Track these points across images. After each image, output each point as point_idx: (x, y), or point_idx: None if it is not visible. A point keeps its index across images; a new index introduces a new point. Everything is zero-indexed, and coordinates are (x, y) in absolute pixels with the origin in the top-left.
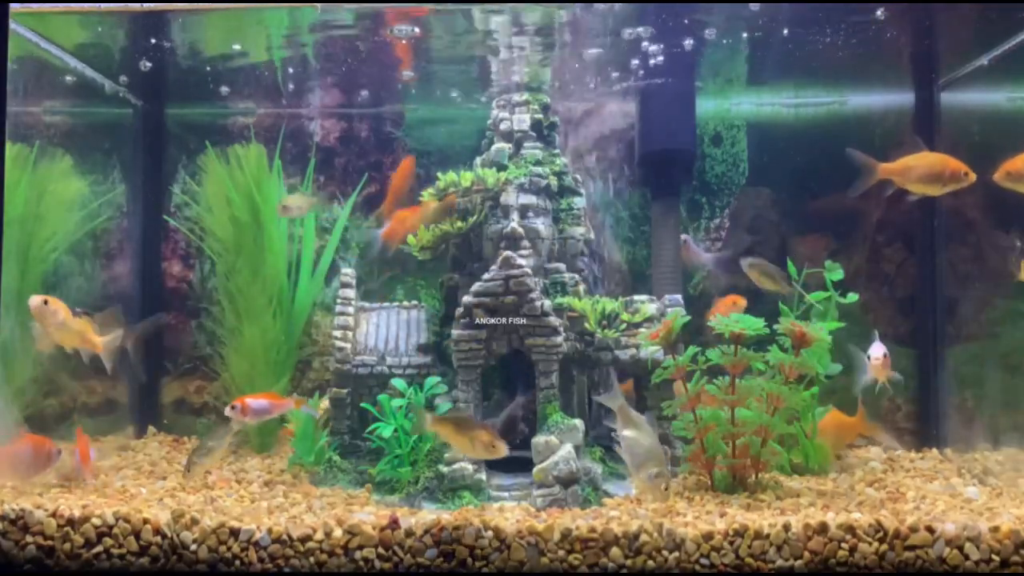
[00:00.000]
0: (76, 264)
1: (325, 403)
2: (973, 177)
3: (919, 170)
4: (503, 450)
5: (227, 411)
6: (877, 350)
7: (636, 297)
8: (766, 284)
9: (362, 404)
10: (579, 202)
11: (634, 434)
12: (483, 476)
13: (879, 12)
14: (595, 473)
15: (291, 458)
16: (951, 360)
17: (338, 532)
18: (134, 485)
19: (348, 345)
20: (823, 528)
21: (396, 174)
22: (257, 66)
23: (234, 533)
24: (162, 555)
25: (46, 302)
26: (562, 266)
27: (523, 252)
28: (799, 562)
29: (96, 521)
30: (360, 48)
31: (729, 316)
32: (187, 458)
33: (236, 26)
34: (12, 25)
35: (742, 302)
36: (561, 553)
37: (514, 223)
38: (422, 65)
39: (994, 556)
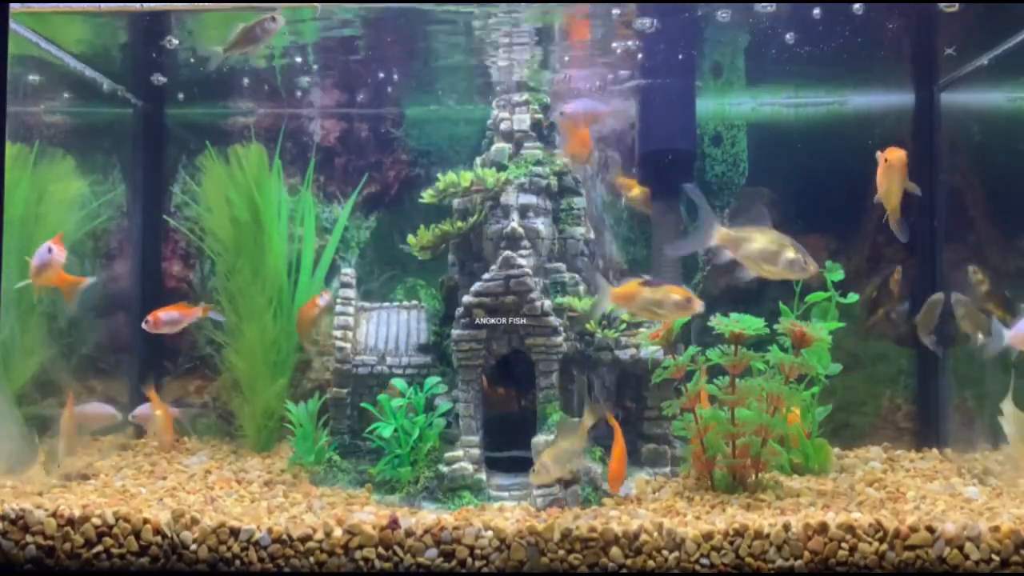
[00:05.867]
0: (76, 264)
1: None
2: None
3: None
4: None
5: (143, 325)
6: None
7: None
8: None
9: (362, 404)
10: (579, 202)
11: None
12: (483, 476)
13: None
14: (595, 473)
15: (291, 458)
16: (951, 360)
17: (338, 532)
18: (134, 485)
19: (348, 345)
20: (823, 528)
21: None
22: (257, 66)
23: (234, 533)
24: (162, 555)
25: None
26: (562, 266)
27: (523, 252)
28: (799, 562)
29: (96, 521)
30: (359, 48)
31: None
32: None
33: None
34: (12, 25)
35: None
36: (561, 553)
37: (514, 223)
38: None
39: (994, 556)
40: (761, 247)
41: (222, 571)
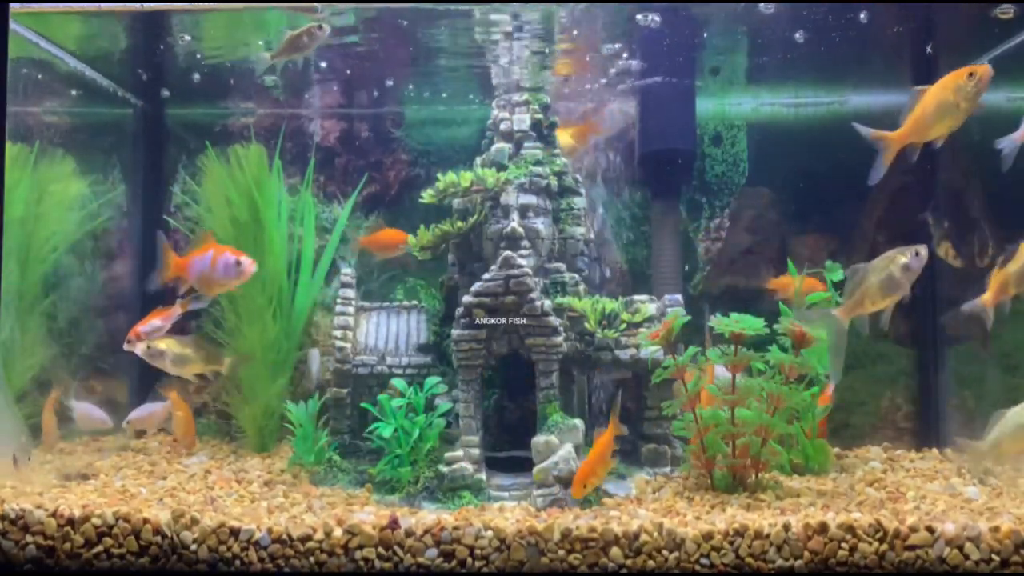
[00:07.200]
0: (76, 264)
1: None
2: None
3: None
4: None
5: (134, 349)
6: None
7: (636, 297)
8: None
9: (362, 404)
10: (579, 202)
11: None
12: (483, 476)
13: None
14: None
15: (291, 458)
16: (951, 360)
17: (338, 532)
18: (134, 485)
19: (348, 345)
20: (823, 528)
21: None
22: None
23: (234, 533)
24: (162, 555)
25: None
26: (562, 266)
27: (523, 252)
28: (799, 562)
29: (96, 521)
30: (359, 48)
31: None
32: None
33: (236, 26)
34: (12, 25)
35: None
36: (561, 553)
37: (514, 223)
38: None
39: (994, 556)
40: (878, 282)
41: (222, 571)
